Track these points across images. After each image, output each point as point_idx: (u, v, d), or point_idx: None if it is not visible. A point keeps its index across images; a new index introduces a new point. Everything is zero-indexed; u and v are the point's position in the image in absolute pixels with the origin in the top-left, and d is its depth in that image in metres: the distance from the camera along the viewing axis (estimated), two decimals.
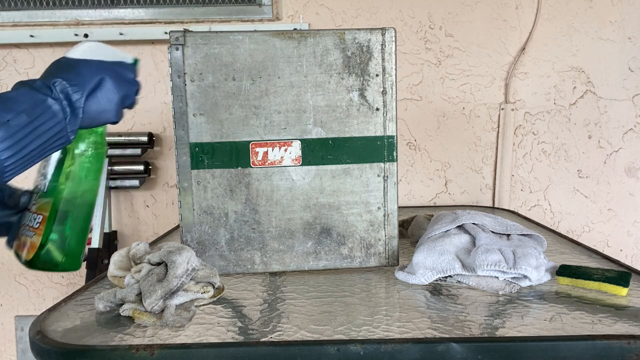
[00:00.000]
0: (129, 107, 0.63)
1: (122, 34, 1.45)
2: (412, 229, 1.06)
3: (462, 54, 1.50)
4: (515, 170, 1.53)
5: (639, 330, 0.60)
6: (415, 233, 1.03)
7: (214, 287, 0.74)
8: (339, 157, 0.84)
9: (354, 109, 0.83)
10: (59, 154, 0.61)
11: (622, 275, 0.74)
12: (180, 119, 0.81)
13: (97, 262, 1.39)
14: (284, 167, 0.84)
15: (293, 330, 0.62)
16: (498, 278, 0.76)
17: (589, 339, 0.57)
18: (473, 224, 0.87)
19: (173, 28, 1.22)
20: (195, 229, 0.84)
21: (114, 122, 0.60)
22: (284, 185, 0.84)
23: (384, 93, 0.84)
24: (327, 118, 0.83)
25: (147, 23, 1.49)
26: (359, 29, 0.82)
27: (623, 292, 0.72)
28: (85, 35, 1.44)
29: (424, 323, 0.64)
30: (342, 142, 0.84)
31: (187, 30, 0.80)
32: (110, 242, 1.48)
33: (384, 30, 0.82)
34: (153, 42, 1.49)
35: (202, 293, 0.72)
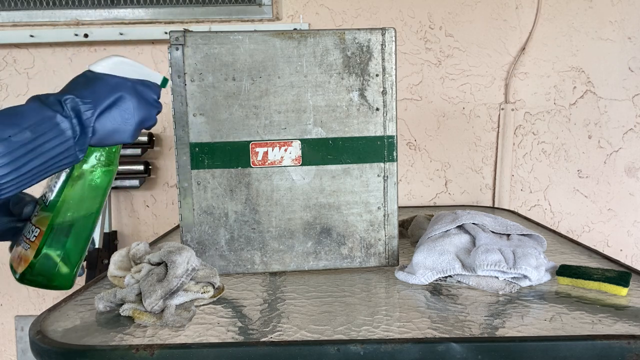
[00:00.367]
0: (148, 128, 0.60)
1: (122, 34, 1.45)
2: (412, 229, 1.06)
3: (462, 54, 1.50)
4: (515, 170, 1.53)
5: (639, 330, 0.60)
6: (415, 233, 1.03)
7: (214, 287, 0.74)
8: (339, 157, 0.84)
9: (354, 109, 0.83)
10: (68, 170, 0.58)
11: (622, 275, 0.74)
12: (180, 119, 0.81)
13: (97, 262, 1.39)
14: (284, 167, 0.84)
15: (293, 330, 0.62)
16: (498, 278, 0.76)
17: (589, 339, 0.57)
18: (473, 224, 0.87)
19: (173, 28, 1.22)
20: (195, 229, 0.84)
21: (129, 142, 0.57)
22: (284, 185, 0.84)
23: (384, 93, 0.84)
24: (327, 118, 0.83)
25: (147, 23, 1.49)
26: (359, 29, 0.82)
27: (623, 292, 0.72)
28: (85, 35, 1.44)
29: (424, 323, 0.64)
30: (342, 142, 0.84)
31: (187, 30, 0.80)
32: (110, 242, 1.48)
33: (384, 30, 0.83)
34: (153, 42, 1.49)
35: (202, 293, 0.72)
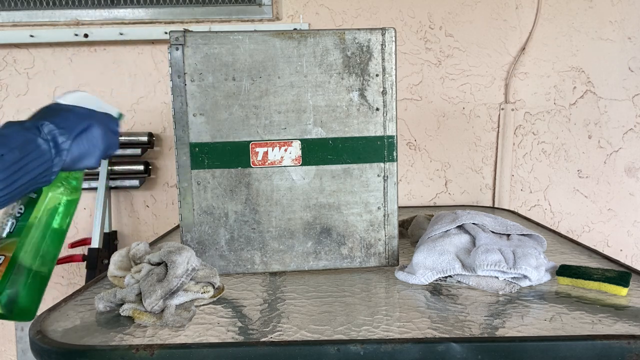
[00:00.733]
0: (109, 156, 0.67)
1: (122, 34, 1.45)
2: (412, 229, 1.06)
3: (462, 54, 1.50)
4: (515, 170, 1.53)
5: (639, 330, 0.60)
6: (415, 233, 1.03)
7: (214, 287, 0.74)
8: (339, 157, 0.84)
9: (354, 109, 0.83)
10: (34, 195, 0.60)
11: (622, 275, 0.74)
12: (180, 119, 0.81)
13: (97, 262, 1.39)
14: (284, 167, 0.84)
15: (293, 330, 0.62)
16: (498, 278, 0.76)
17: (589, 339, 0.57)
18: (473, 224, 0.87)
19: (173, 28, 1.22)
20: (195, 229, 0.84)
21: (94, 167, 0.62)
22: (284, 185, 0.84)
23: (384, 93, 0.84)
24: (327, 118, 0.83)
25: (147, 23, 1.49)
26: (359, 29, 0.82)
27: (623, 292, 0.72)
28: (85, 35, 1.44)
29: (424, 323, 0.64)
30: (342, 142, 0.84)
31: (187, 30, 0.80)
32: (110, 242, 1.48)
33: (384, 30, 0.82)
34: (153, 42, 1.49)
35: (202, 293, 0.72)
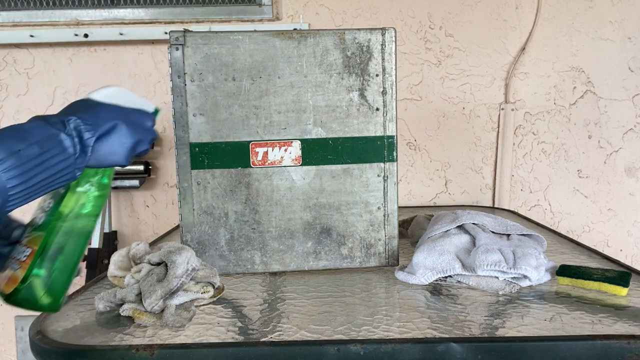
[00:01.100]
0: (142, 154, 0.63)
1: (122, 34, 1.45)
2: (412, 229, 1.06)
3: (462, 54, 1.50)
4: (515, 170, 1.53)
5: (639, 330, 0.60)
6: (415, 233, 1.03)
7: (214, 287, 0.74)
8: (339, 157, 0.84)
9: (354, 109, 0.83)
10: (62, 190, 0.59)
11: (622, 275, 0.74)
12: (180, 119, 0.81)
13: (97, 262, 1.39)
14: (284, 167, 0.84)
15: (293, 330, 0.62)
16: (498, 278, 0.76)
17: (589, 339, 0.57)
18: (473, 224, 0.87)
19: (173, 28, 1.22)
20: (195, 229, 0.84)
21: (123, 165, 0.60)
22: (284, 185, 0.84)
23: (384, 93, 0.84)
24: (327, 118, 0.83)
25: (147, 23, 1.49)
26: (359, 29, 0.82)
27: (623, 292, 0.72)
28: (85, 35, 1.44)
29: (424, 323, 0.64)
30: (342, 142, 0.84)
31: (187, 30, 0.80)
32: (110, 242, 1.48)
33: (384, 30, 0.82)
34: (153, 42, 1.49)
35: (202, 293, 0.72)
